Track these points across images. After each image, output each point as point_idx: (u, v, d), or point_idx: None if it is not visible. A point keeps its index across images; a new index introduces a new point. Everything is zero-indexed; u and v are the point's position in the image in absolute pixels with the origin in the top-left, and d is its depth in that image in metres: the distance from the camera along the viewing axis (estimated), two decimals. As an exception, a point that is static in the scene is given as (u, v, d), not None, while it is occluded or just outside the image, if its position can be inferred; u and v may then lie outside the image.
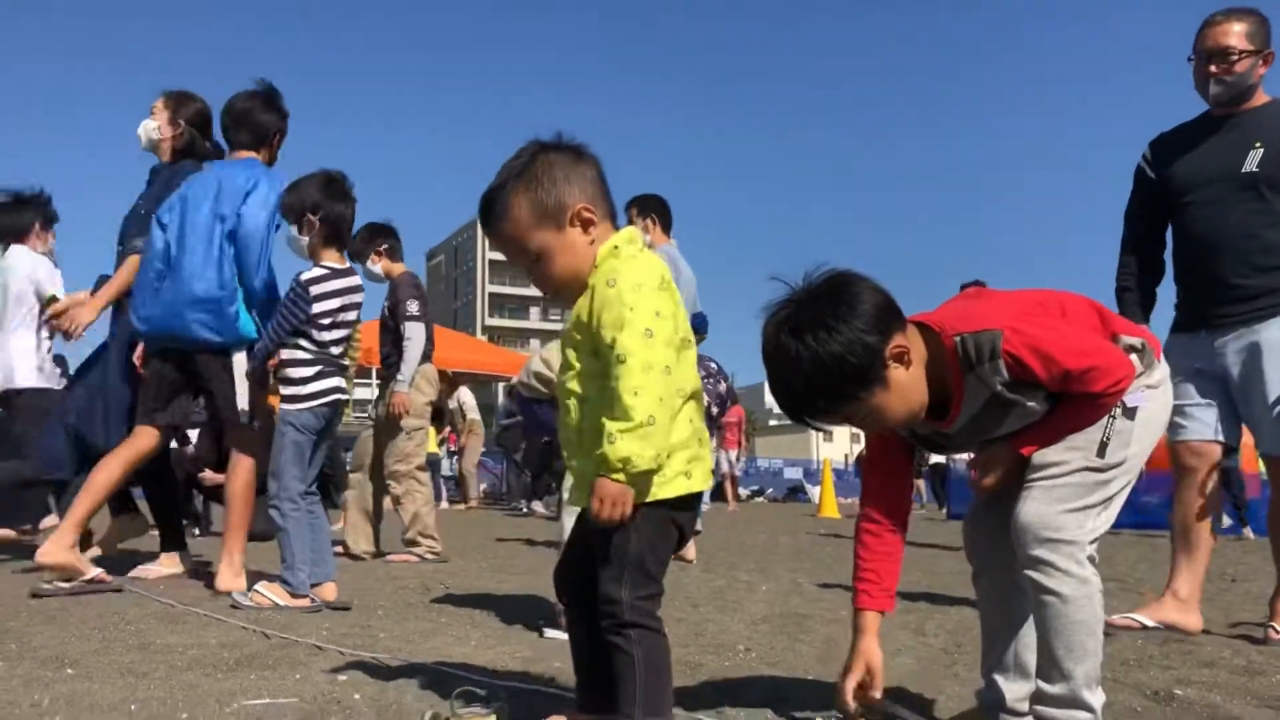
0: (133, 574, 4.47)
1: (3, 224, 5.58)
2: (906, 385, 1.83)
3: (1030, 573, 1.82)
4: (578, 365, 1.87)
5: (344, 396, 3.87)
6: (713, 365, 4.10)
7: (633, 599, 1.80)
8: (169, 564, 4.62)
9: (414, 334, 5.73)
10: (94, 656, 2.62)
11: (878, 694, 1.96)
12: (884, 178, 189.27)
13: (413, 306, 5.75)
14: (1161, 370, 1.97)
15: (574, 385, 1.86)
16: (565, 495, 2.86)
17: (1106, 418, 1.84)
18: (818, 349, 1.75)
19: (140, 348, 4.33)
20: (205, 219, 4.02)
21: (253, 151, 4.26)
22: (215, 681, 2.35)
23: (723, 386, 4.06)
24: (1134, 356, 1.89)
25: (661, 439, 1.76)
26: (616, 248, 1.89)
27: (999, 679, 2.00)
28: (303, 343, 3.72)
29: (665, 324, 1.79)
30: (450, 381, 13.97)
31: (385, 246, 5.89)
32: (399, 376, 5.67)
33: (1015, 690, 1.99)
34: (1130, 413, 1.87)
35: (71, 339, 4.36)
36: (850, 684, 1.96)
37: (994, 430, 1.92)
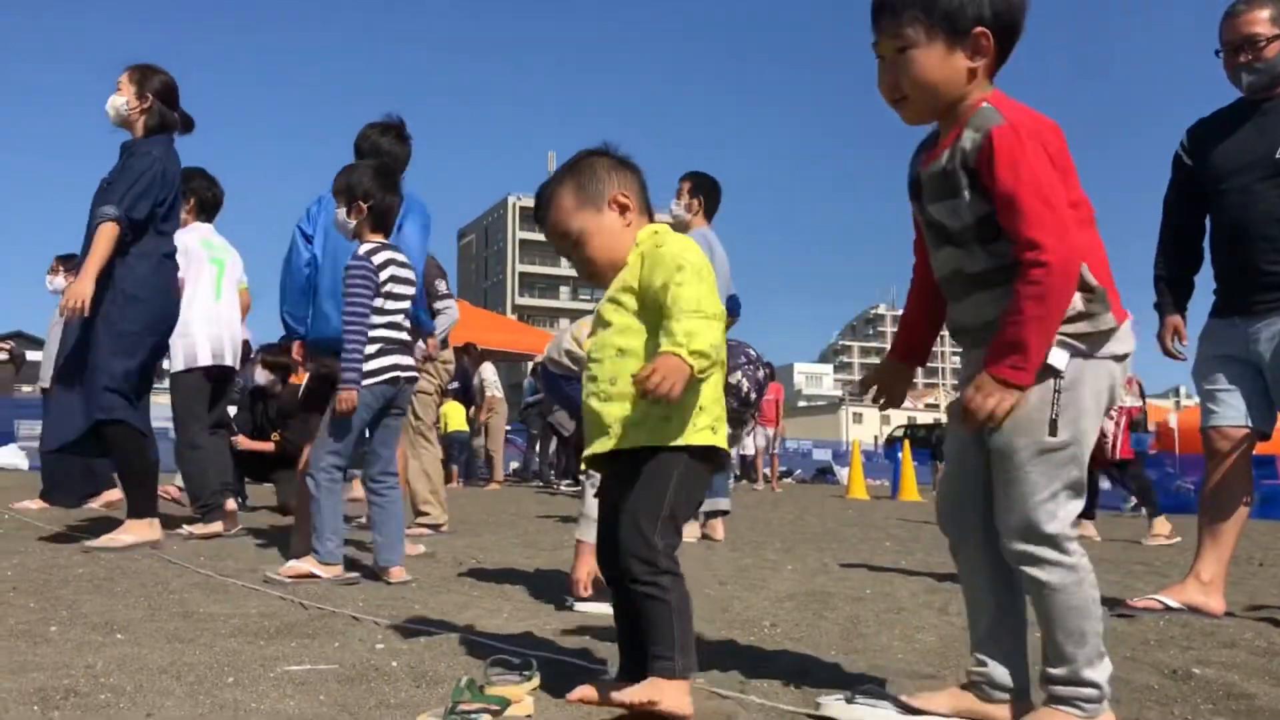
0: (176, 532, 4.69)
1: None
2: (953, 73, 1.87)
3: (1021, 567, 1.87)
4: (617, 321, 2.04)
5: (406, 374, 3.82)
6: (751, 352, 4.16)
7: (665, 546, 1.94)
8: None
9: (448, 308, 5.94)
10: (141, 623, 2.72)
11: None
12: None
13: (441, 285, 5.93)
14: (1115, 345, 1.87)
15: (615, 339, 2.03)
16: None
17: (1052, 395, 1.81)
18: None
19: (297, 346, 4.56)
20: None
21: None
22: (258, 648, 2.45)
23: (761, 373, 4.13)
24: (1078, 296, 1.82)
25: (717, 344, 1.91)
26: (657, 231, 2.10)
27: (987, 656, 2.00)
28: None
29: (711, 279, 1.99)
30: (476, 356, 13.97)
31: None
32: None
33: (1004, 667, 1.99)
34: (1073, 385, 1.82)
35: (78, 315, 4.34)
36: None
37: (931, 201, 1.93)
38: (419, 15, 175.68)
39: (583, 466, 2.25)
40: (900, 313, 2.26)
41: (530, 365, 16.05)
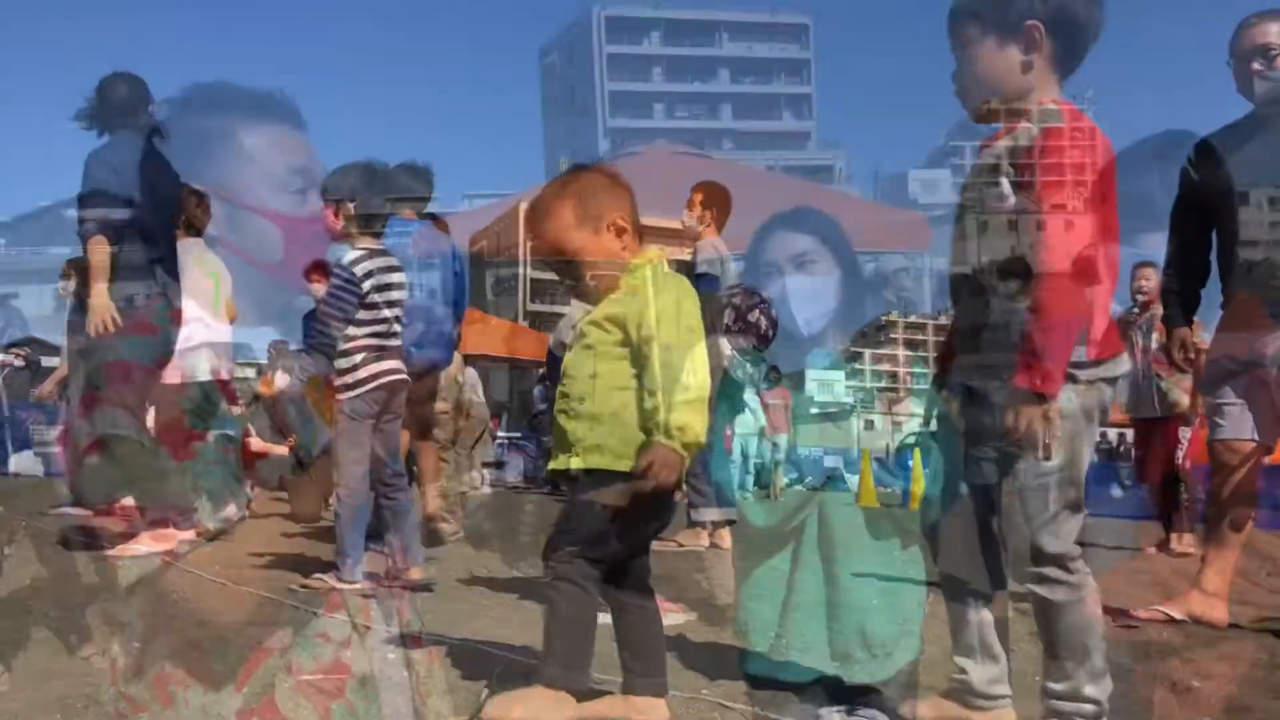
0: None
1: None
2: (1006, 67, 1.97)
3: (1027, 586, 1.92)
4: (597, 345, 2.06)
5: (398, 378, 3.82)
6: (765, 292, 4.20)
7: (569, 555, 1.97)
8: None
9: None
10: (158, 632, 2.76)
11: None
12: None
13: None
14: (1104, 369, 1.91)
15: (591, 361, 2.05)
16: None
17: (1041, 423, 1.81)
18: None
19: None
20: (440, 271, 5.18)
21: (415, 216, 5.24)
22: (272, 657, 2.48)
23: (775, 311, 4.16)
24: None
25: (705, 427, 1.94)
26: (652, 262, 2.11)
27: (967, 663, 2.04)
28: (348, 329, 3.72)
29: (700, 329, 2.01)
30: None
31: None
32: None
33: (983, 673, 2.03)
34: (1064, 408, 1.84)
35: (111, 329, 4.33)
36: None
37: (971, 185, 2.01)
38: (425, 15, 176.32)
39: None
40: (914, 319, 2.29)
41: (540, 373, 15.98)
